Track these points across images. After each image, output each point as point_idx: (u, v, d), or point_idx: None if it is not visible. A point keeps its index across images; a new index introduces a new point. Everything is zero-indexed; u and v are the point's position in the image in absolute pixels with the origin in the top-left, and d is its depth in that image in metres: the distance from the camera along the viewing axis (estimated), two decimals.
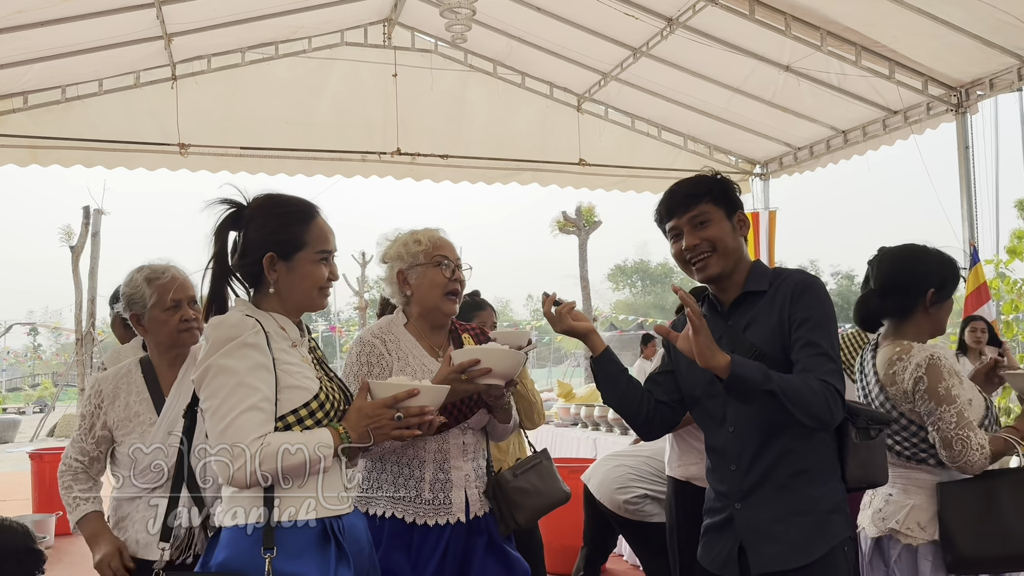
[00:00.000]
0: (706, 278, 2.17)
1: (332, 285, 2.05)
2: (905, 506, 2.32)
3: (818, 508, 2.04)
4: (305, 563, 1.83)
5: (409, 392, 1.94)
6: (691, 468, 3.45)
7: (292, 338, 1.98)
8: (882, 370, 2.36)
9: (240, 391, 1.82)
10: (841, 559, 2.04)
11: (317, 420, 1.92)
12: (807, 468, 2.05)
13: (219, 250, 2.00)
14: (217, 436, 1.82)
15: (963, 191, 6.06)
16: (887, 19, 5.40)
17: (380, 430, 1.92)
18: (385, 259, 2.52)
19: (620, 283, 60.00)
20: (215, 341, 1.86)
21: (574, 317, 2.30)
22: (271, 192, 2.04)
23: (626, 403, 2.30)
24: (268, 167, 7.13)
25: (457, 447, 2.41)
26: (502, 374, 2.24)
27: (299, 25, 6.90)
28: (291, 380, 1.90)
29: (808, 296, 2.06)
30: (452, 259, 2.46)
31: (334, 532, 1.90)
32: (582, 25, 6.55)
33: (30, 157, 6.60)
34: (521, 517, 2.48)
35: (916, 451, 2.31)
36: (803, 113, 6.98)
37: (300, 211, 2.01)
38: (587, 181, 7.97)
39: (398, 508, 2.36)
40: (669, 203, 2.18)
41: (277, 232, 1.97)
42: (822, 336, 2.02)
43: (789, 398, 1.93)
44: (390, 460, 2.39)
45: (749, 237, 3.05)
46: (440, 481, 2.38)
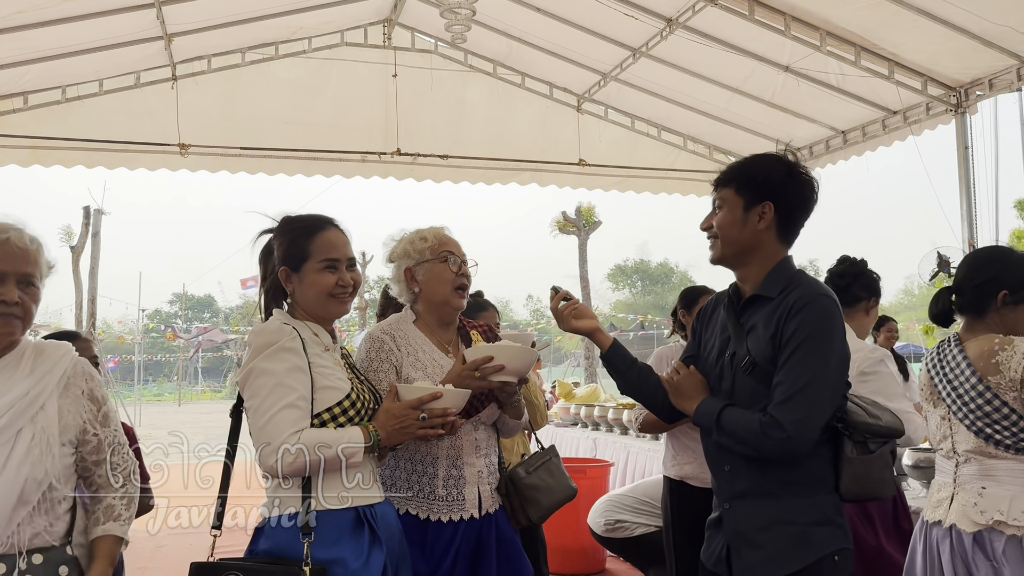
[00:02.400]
0: (711, 261, 2.19)
1: (345, 291, 2.20)
2: (1005, 496, 2.29)
3: (801, 520, 2.03)
4: (342, 548, 2.01)
5: (433, 395, 2.13)
6: (686, 467, 3.49)
7: (325, 343, 2.18)
8: (980, 362, 2.37)
9: (279, 391, 2.02)
10: (828, 571, 2.02)
11: (349, 418, 2.11)
12: (795, 479, 2.04)
13: (263, 273, 2.26)
14: (258, 432, 2.03)
15: (962, 191, 6.06)
16: (886, 19, 5.41)
17: (406, 430, 2.12)
18: (392, 258, 2.56)
19: (620, 283, 60.02)
20: (256, 347, 2.07)
21: (577, 316, 2.32)
22: (287, 214, 2.28)
23: (640, 393, 2.35)
24: (268, 167, 7.13)
25: (470, 443, 2.44)
26: (515, 371, 2.32)
27: (299, 25, 6.91)
28: (325, 381, 2.10)
29: (800, 316, 2.01)
30: (458, 255, 2.51)
31: (368, 519, 2.08)
32: (582, 25, 6.55)
33: (32, 157, 6.60)
34: (534, 513, 2.51)
35: (1017, 440, 2.32)
36: (802, 113, 6.99)
37: (307, 226, 2.22)
38: (587, 181, 7.97)
39: (412, 505, 2.38)
40: (714, 180, 2.21)
41: (287, 248, 2.20)
42: (801, 361, 1.98)
43: (736, 441, 2.05)
44: (403, 457, 2.42)
45: None
46: (453, 477, 2.41)
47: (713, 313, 2.30)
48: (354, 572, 2.00)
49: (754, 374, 2.06)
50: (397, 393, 2.17)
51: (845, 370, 2.09)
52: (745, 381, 2.09)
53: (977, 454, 2.39)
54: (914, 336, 32.62)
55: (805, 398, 1.96)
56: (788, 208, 2.13)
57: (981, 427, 2.37)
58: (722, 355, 2.18)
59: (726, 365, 2.15)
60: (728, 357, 2.15)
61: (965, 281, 2.49)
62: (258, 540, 2.06)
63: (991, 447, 2.35)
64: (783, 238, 2.15)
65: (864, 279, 3.34)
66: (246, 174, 7.13)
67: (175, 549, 5.94)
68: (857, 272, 3.34)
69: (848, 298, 3.31)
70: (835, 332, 2.04)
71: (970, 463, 2.41)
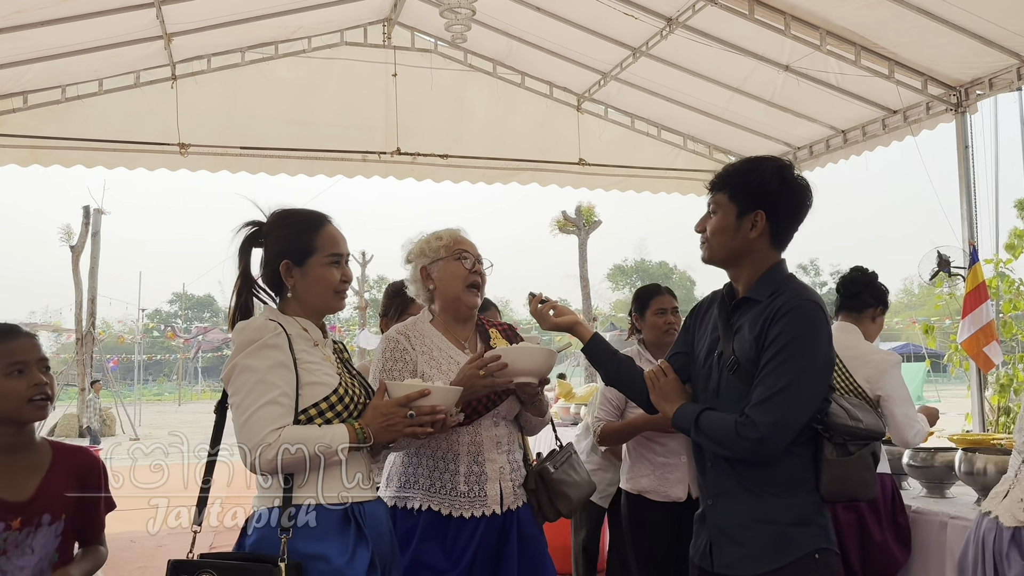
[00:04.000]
0: (702, 261, 2.22)
1: (347, 287, 2.22)
2: None
3: (780, 519, 2.05)
4: (326, 544, 2.00)
5: (421, 392, 2.12)
6: (642, 481, 3.47)
7: (314, 338, 2.17)
8: None
9: (260, 388, 2.01)
10: (809, 570, 2.04)
11: (337, 413, 2.10)
12: (775, 479, 2.06)
13: (243, 265, 2.22)
14: (239, 428, 2.02)
15: (962, 190, 6.05)
16: (887, 19, 5.40)
17: (394, 427, 2.11)
18: (409, 258, 2.61)
19: (620, 283, 60.03)
20: (240, 344, 2.05)
21: (557, 313, 2.39)
22: (285, 207, 2.25)
23: (620, 383, 2.41)
24: (268, 167, 7.12)
25: (490, 439, 2.46)
26: (535, 371, 2.35)
27: (299, 25, 6.90)
28: (311, 377, 2.09)
29: (785, 320, 2.02)
30: (472, 254, 2.55)
31: (355, 517, 2.06)
32: (582, 25, 6.55)
33: (31, 157, 6.60)
34: (565, 507, 2.55)
35: None
36: (803, 113, 6.98)
37: (310, 220, 2.21)
38: (587, 181, 7.96)
39: (434, 501, 2.40)
40: (710, 181, 2.23)
41: (291, 241, 2.17)
42: (782, 365, 1.99)
43: (713, 442, 2.09)
44: (425, 454, 2.44)
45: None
46: (475, 474, 2.42)
47: (707, 311, 2.32)
48: (338, 569, 1.99)
49: (738, 374, 2.09)
50: (387, 390, 2.17)
51: (828, 375, 2.09)
52: (730, 380, 2.11)
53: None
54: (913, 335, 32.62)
55: (782, 401, 1.98)
56: (780, 216, 2.14)
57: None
58: (711, 353, 2.20)
59: (714, 364, 2.18)
60: (716, 356, 2.18)
61: None
62: (244, 536, 2.08)
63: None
64: (775, 244, 2.17)
65: (874, 288, 3.55)
66: (247, 174, 7.11)
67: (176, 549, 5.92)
68: (868, 281, 3.56)
69: (857, 304, 3.54)
70: (819, 337, 2.05)
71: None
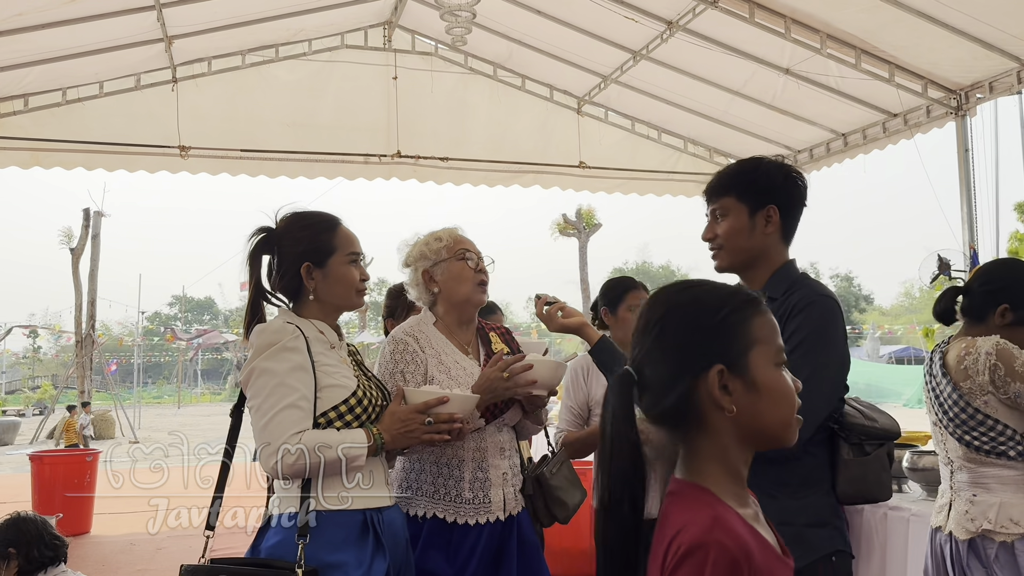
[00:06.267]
0: (717, 270, 2.17)
1: (366, 285, 2.22)
2: (993, 504, 2.30)
3: (796, 521, 2.01)
4: (345, 552, 1.98)
5: (440, 399, 2.12)
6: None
7: (331, 341, 2.15)
8: (953, 368, 2.36)
9: (280, 391, 2.00)
10: (825, 573, 2.01)
11: (356, 415, 2.08)
12: (790, 480, 2.04)
13: (254, 272, 2.19)
14: (259, 432, 2.01)
15: (963, 194, 6.06)
16: (887, 22, 5.41)
17: (411, 434, 2.10)
18: (408, 262, 2.55)
19: None
20: (258, 346, 2.04)
21: (565, 315, 2.35)
22: (295, 211, 2.23)
23: None
24: (269, 170, 7.12)
25: (495, 445, 2.44)
26: (547, 384, 2.35)
27: (299, 28, 6.91)
28: (329, 380, 2.07)
29: (801, 316, 2.01)
30: (474, 252, 2.51)
31: (373, 524, 2.05)
32: (582, 28, 6.55)
33: (32, 159, 6.60)
34: (562, 513, 2.54)
35: (995, 444, 2.31)
36: (803, 116, 6.98)
37: (325, 221, 2.20)
38: (587, 184, 7.96)
39: (439, 508, 2.38)
40: (707, 189, 2.19)
41: (309, 242, 2.16)
42: (799, 361, 1.94)
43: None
44: (429, 460, 2.42)
45: None
46: (479, 480, 2.40)
47: None
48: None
49: None
50: (404, 396, 2.17)
51: (844, 372, 2.07)
52: None
53: (967, 461, 2.39)
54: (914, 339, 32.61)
55: (801, 396, 1.97)
56: (790, 208, 2.13)
57: (961, 434, 2.37)
58: None
59: None
60: None
61: (975, 284, 2.47)
62: (260, 539, 2.06)
63: (973, 453, 2.35)
64: (785, 240, 2.16)
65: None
66: (247, 176, 7.12)
67: (175, 551, 5.93)
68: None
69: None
70: (835, 334, 2.03)
71: (963, 470, 2.42)
